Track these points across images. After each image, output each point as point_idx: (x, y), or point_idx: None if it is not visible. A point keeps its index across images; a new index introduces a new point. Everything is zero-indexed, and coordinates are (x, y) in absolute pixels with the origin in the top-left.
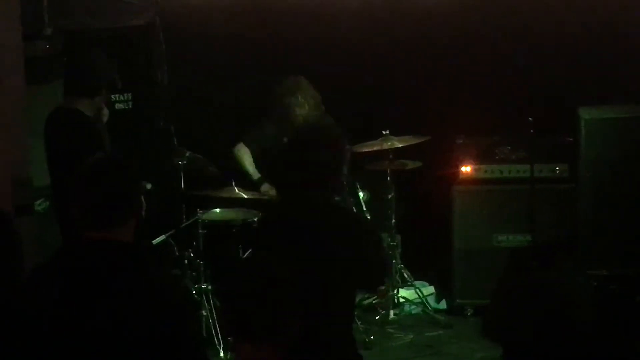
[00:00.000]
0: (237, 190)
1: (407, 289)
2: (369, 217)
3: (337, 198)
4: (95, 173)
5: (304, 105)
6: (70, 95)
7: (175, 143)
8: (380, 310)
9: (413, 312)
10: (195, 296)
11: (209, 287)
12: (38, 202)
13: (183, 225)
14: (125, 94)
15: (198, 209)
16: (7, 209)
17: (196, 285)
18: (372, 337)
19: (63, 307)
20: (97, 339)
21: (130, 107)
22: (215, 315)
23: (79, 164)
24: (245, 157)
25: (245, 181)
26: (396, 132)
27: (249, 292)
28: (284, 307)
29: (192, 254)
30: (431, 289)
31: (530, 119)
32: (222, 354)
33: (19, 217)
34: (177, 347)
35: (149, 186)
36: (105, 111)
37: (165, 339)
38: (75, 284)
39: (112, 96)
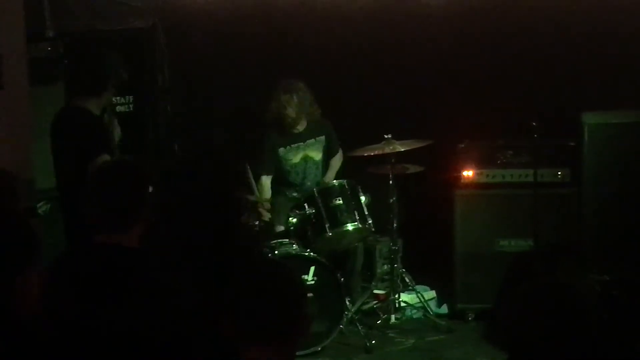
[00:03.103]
0: None
1: (409, 293)
2: (369, 222)
3: None
4: (108, 177)
5: (293, 105)
6: (78, 94)
7: (176, 146)
8: (382, 315)
9: (414, 316)
10: None
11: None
12: (39, 204)
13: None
14: (126, 97)
15: None
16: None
17: None
18: (373, 342)
19: (71, 310)
20: (105, 343)
21: (132, 109)
22: None
23: (87, 163)
24: (266, 188)
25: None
26: (398, 136)
27: (266, 293)
28: (298, 307)
29: None
30: (432, 294)
31: (533, 123)
32: None
33: None
34: (183, 350)
35: (150, 189)
36: (118, 130)
37: (172, 343)
38: (83, 288)
39: (114, 99)
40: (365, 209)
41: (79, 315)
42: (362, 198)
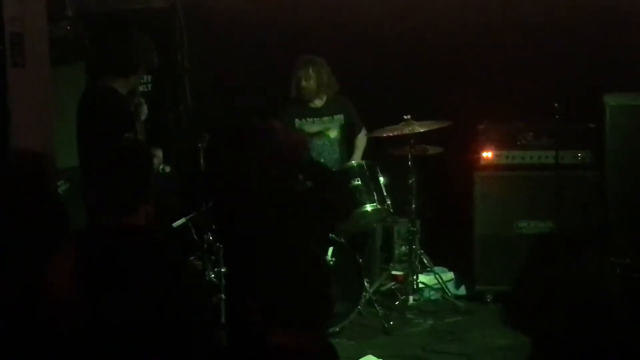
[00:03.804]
0: None
1: (427, 275)
2: (388, 203)
3: None
4: (112, 159)
5: (311, 78)
6: (106, 74)
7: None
8: (400, 296)
9: (432, 297)
10: (214, 280)
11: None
12: (59, 183)
13: (203, 208)
14: (145, 76)
15: None
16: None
17: (215, 269)
18: (391, 323)
19: (78, 291)
20: (109, 323)
21: (150, 89)
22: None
23: (110, 142)
24: None
25: None
26: (418, 117)
27: (292, 276)
28: (324, 289)
29: (211, 238)
30: (451, 275)
31: (555, 105)
32: None
33: None
34: (185, 329)
35: (168, 169)
36: (145, 109)
37: (175, 323)
38: (89, 269)
39: None
40: (384, 190)
41: (84, 295)
42: (381, 179)
